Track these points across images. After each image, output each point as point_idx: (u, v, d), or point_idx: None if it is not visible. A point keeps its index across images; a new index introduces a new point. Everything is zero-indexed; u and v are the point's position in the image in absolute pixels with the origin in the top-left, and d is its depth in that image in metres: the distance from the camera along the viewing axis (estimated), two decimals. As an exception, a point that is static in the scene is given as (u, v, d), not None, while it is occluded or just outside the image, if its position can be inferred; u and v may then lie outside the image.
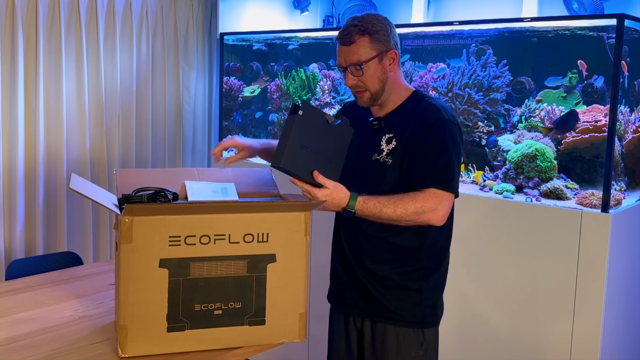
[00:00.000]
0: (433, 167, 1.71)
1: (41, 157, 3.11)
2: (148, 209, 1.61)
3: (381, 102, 1.82)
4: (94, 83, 3.31)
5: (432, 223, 1.73)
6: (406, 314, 1.83)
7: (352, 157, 1.83)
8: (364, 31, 1.73)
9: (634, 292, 2.54)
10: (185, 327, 1.65)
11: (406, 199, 1.71)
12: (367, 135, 1.85)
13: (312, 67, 3.44)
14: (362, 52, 1.73)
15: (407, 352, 1.83)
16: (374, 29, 1.74)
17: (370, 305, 1.86)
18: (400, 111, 1.82)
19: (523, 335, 2.43)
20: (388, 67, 1.77)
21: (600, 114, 2.45)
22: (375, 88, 1.77)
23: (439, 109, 1.76)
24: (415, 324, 1.83)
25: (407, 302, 1.83)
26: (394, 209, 1.70)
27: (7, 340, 1.73)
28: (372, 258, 1.85)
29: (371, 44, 1.74)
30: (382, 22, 1.77)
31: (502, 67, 2.73)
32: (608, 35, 2.39)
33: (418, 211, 1.70)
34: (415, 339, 1.83)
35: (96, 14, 3.26)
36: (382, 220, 1.73)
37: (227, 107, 3.72)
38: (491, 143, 2.58)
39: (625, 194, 2.48)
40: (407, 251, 1.82)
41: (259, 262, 1.68)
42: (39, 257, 2.69)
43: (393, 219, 1.71)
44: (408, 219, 1.71)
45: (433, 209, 1.70)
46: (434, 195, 1.71)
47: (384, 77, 1.77)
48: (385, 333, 1.85)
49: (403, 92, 1.83)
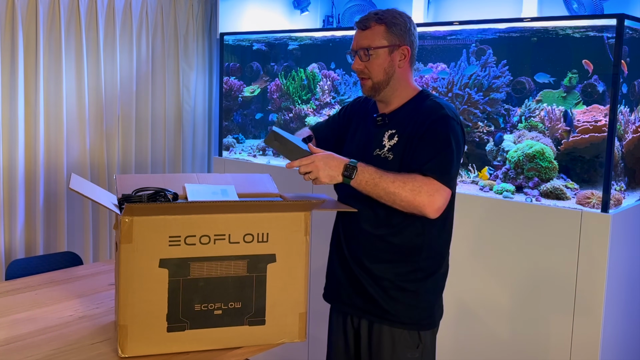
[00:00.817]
0: (432, 158, 1.71)
1: (41, 157, 3.11)
2: (148, 208, 1.61)
3: (386, 98, 1.83)
4: (94, 83, 3.31)
5: (426, 213, 1.69)
6: (402, 315, 1.82)
7: (353, 152, 1.85)
8: (382, 20, 1.76)
9: (634, 292, 2.54)
10: (185, 327, 1.65)
11: (406, 176, 1.70)
12: (370, 130, 1.86)
13: (312, 67, 3.44)
14: (375, 38, 1.76)
15: (403, 353, 1.82)
16: (393, 22, 1.76)
17: (367, 305, 1.86)
18: (404, 109, 1.83)
19: (523, 335, 2.43)
20: (397, 62, 1.78)
21: (600, 114, 2.45)
22: (378, 78, 1.78)
23: (442, 106, 1.77)
24: (411, 325, 1.83)
25: (404, 303, 1.82)
26: (393, 179, 1.68)
27: (7, 340, 1.73)
28: (370, 257, 1.84)
29: (385, 34, 1.76)
30: (403, 17, 1.79)
31: (502, 67, 2.73)
32: (608, 35, 2.39)
33: (415, 190, 1.67)
34: (410, 341, 1.83)
35: (96, 14, 3.26)
36: (377, 192, 1.70)
37: (227, 107, 3.72)
38: (498, 140, 2.58)
39: (625, 194, 2.48)
40: (406, 251, 1.81)
41: (259, 262, 1.68)
42: (39, 257, 2.69)
43: (389, 191, 1.68)
44: (403, 197, 1.67)
45: (430, 194, 1.67)
46: (431, 183, 1.69)
47: (391, 71, 1.78)
48: (381, 333, 1.84)
49: (410, 91, 1.84)
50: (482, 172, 2.67)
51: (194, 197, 1.83)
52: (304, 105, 3.42)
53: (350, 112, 2.01)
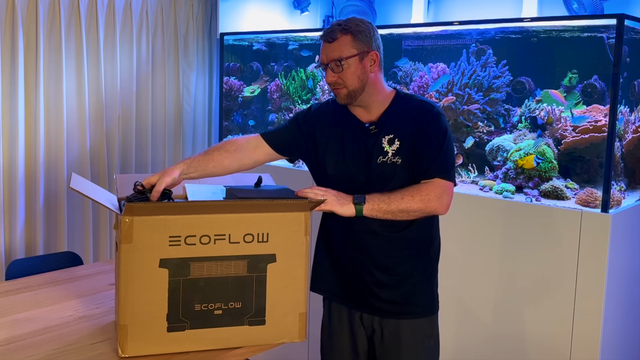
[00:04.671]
0: (435, 159, 1.78)
1: (41, 157, 3.11)
2: (148, 208, 1.61)
3: (363, 103, 1.84)
4: (94, 83, 3.31)
5: (438, 212, 1.79)
6: (419, 305, 1.88)
7: (348, 165, 1.85)
8: (347, 30, 1.78)
9: (634, 292, 2.54)
10: (185, 327, 1.65)
11: (411, 189, 1.77)
12: (364, 140, 1.84)
13: (312, 67, 3.44)
14: (344, 49, 1.78)
15: (422, 342, 1.88)
16: (357, 30, 1.79)
17: (389, 305, 1.87)
18: (391, 111, 1.84)
19: (523, 335, 2.43)
20: (369, 68, 1.80)
21: (600, 114, 2.45)
22: (353, 86, 1.80)
23: (432, 104, 1.84)
24: (426, 312, 1.89)
25: (419, 293, 1.88)
26: (400, 195, 1.75)
27: (7, 340, 1.73)
28: (387, 256, 1.86)
29: (353, 43, 1.78)
30: (365, 24, 1.82)
31: (502, 67, 2.73)
32: (608, 35, 2.39)
33: (424, 198, 1.75)
34: (428, 328, 1.89)
35: (96, 14, 3.26)
36: (392, 210, 1.75)
37: (227, 107, 3.72)
38: (538, 142, 2.52)
39: (625, 194, 2.48)
40: (420, 244, 1.87)
41: (259, 262, 1.68)
42: (39, 257, 2.69)
43: (402, 208, 1.75)
44: (416, 208, 1.75)
45: (438, 197, 1.76)
46: (438, 185, 1.77)
47: (364, 77, 1.80)
48: (399, 326, 1.87)
49: (386, 93, 1.87)
50: (529, 159, 2.52)
51: (194, 197, 1.83)
52: (304, 105, 3.42)
53: (313, 120, 1.94)
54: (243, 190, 1.78)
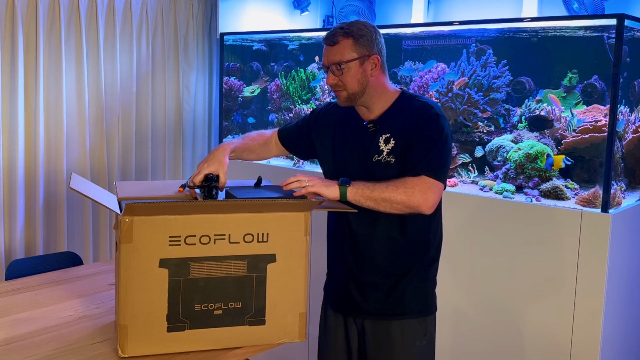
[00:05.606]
0: (424, 156, 1.76)
1: (41, 157, 3.11)
2: (148, 208, 1.61)
3: (365, 103, 1.86)
4: (94, 83, 3.31)
5: (422, 210, 1.75)
6: (410, 305, 1.88)
7: (347, 162, 1.88)
8: (348, 34, 1.79)
9: (634, 292, 2.54)
10: (185, 327, 1.65)
11: (397, 181, 1.76)
12: (363, 137, 1.87)
13: (312, 67, 3.44)
14: (344, 52, 1.78)
15: (412, 343, 1.87)
16: (359, 33, 1.79)
17: (382, 306, 1.88)
18: (392, 112, 1.85)
19: (523, 335, 2.43)
20: (369, 72, 1.81)
21: (600, 114, 2.45)
22: (353, 89, 1.81)
23: (432, 105, 1.83)
24: (418, 313, 1.89)
25: (412, 294, 1.87)
26: (385, 185, 1.74)
27: (7, 340, 1.73)
28: (381, 258, 1.86)
29: (354, 47, 1.78)
30: (368, 28, 1.82)
31: (502, 67, 2.73)
32: (608, 35, 2.39)
33: (408, 191, 1.72)
34: (419, 329, 1.88)
35: (96, 14, 3.26)
36: (374, 198, 1.74)
37: (227, 107, 3.72)
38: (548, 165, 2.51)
39: (625, 194, 2.48)
40: (416, 246, 1.87)
41: (259, 262, 1.68)
42: (39, 257, 2.69)
43: (384, 197, 1.73)
44: (399, 200, 1.72)
45: (423, 193, 1.73)
46: (424, 181, 1.75)
47: (364, 81, 1.80)
48: (389, 328, 1.87)
49: (390, 94, 1.87)
50: (557, 160, 2.47)
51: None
52: (304, 105, 3.42)
53: (325, 117, 2.01)
54: (243, 190, 1.78)
